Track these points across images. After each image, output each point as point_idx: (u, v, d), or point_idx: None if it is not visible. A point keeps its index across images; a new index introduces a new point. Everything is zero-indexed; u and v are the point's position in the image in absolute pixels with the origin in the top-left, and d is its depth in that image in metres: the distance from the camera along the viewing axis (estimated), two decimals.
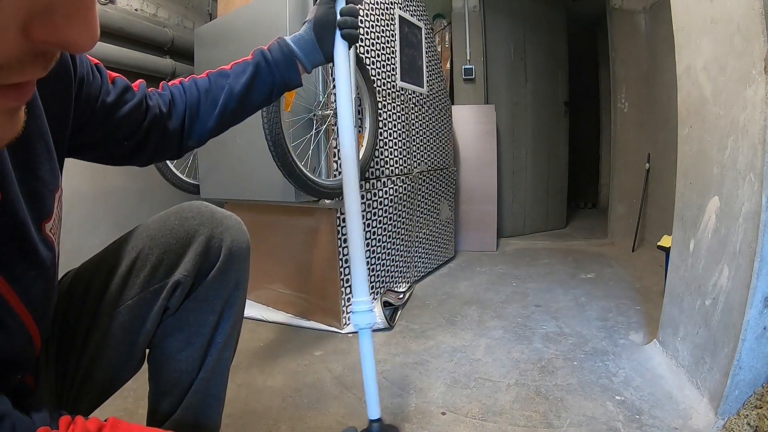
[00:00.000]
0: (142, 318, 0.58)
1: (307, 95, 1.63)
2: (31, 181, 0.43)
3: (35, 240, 0.43)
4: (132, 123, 0.59)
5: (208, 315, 0.62)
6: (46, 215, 0.45)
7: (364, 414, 1.15)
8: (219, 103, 0.66)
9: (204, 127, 0.66)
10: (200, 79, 0.67)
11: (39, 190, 0.44)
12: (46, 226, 0.45)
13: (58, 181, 0.48)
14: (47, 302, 0.47)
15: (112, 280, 0.58)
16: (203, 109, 0.66)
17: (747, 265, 0.98)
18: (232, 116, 0.68)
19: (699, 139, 1.23)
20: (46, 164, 0.45)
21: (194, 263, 0.59)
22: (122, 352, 0.58)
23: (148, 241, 0.59)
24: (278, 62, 0.69)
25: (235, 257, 0.63)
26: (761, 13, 0.94)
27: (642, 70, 2.96)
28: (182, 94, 0.65)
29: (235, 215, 0.66)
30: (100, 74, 0.55)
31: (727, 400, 1.00)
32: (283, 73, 0.70)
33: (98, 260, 0.61)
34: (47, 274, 0.45)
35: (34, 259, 0.43)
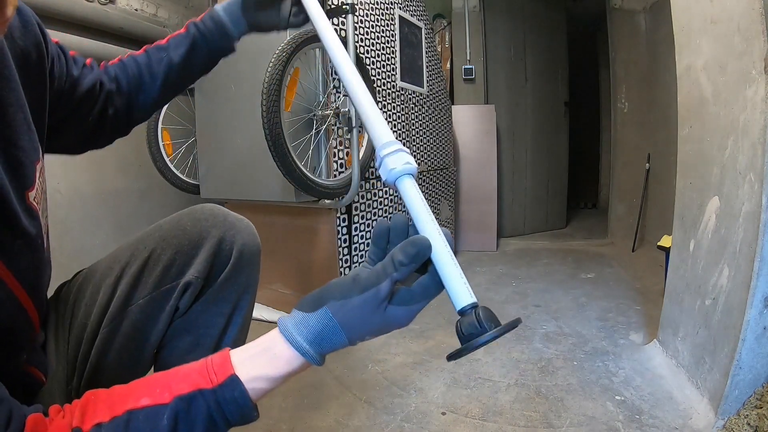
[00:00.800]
0: (154, 318, 0.58)
1: (307, 95, 1.63)
2: (11, 151, 0.43)
3: (17, 209, 0.43)
4: (92, 98, 0.60)
5: (217, 317, 0.62)
6: (29, 184, 0.45)
7: (364, 413, 1.15)
8: (160, 75, 0.67)
9: (148, 98, 0.68)
10: (138, 55, 0.68)
11: (20, 159, 0.44)
12: (29, 194, 0.45)
13: (38, 153, 0.48)
14: (37, 273, 0.47)
15: (124, 279, 0.58)
16: (145, 82, 0.66)
17: (747, 265, 0.98)
18: (173, 87, 0.69)
19: (699, 139, 1.23)
20: (25, 136, 0.46)
21: (205, 265, 0.60)
22: (133, 351, 0.58)
23: (160, 241, 0.59)
24: (211, 32, 0.69)
25: (245, 260, 0.63)
26: (761, 13, 0.94)
27: (642, 70, 2.95)
28: (123, 69, 0.66)
29: (246, 219, 0.66)
30: (64, 53, 0.56)
31: (727, 400, 1.00)
32: (216, 42, 0.70)
33: (110, 259, 0.61)
34: (34, 243, 0.45)
35: (18, 228, 0.43)
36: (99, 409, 0.36)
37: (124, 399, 0.37)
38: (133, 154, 2.32)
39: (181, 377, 0.38)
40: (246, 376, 0.38)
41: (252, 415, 0.39)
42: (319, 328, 0.39)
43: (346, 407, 1.19)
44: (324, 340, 0.39)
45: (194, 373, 0.39)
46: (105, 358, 0.57)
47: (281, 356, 0.39)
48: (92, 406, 0.37)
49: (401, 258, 0.40)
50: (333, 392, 1.27)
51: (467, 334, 0.43)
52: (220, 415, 0.38)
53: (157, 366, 0.63)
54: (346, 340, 0.40)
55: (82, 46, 1.91)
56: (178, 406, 0.36)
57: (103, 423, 0.35)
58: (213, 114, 1.96)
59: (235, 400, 0.38)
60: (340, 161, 1.74)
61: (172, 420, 0.36)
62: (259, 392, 0.39)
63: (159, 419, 0.36)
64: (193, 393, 0.37)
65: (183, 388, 0.37)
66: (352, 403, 1.21)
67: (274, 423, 1.12)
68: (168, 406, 0.36)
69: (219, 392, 0.37)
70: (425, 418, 1.13)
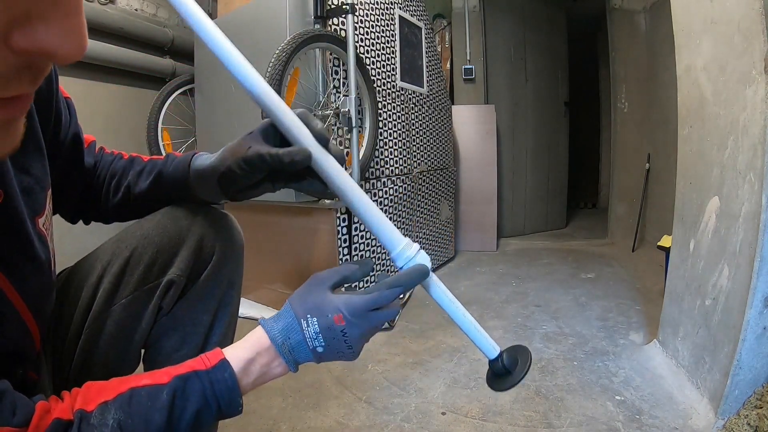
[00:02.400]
0: (137, 317, 0.58)
1: (307, 95, 1.63)
2: (24, 178, 0.44)
3: (31, 233, 0.44)
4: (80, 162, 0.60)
5: (202, 315, 0.62)
6: (39, 211, 0.46)
7: (364, 413, 1.15)
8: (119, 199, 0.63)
9: (103, 210, 0.65)
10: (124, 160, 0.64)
11: (32, 186, 0.45)
12: (39, 221, 0.46)
13: (48, 180, 0.49)
14: (44, 298, 0.47)
15: (106, 278, 0.58)
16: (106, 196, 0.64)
17: (747, 265, 0.98)
18: (132, 213, 0.65)
19: (699, 139, 1.23)
20: (37, 163, 0.46)
21: (187, 262, 0.59)
22: (118, 351, 0.58)
23: (141, 240, 0.59)
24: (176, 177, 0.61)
25: (228, 256, 0.63)
26: (761, 13, 0.94)
27: (642, 70, 2.95)
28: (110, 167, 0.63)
29: (229, 214, 0.65)
30: (69, 108, 0.56)
31: (727, 400, 1.00)
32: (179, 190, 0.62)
33: (92, 258, 0.61)
34: (43, 268, 0.46)
35: (30, 253, 0.44)
36: (103, 391, 0.40)
37: (126, 381, 0.41)
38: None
39: (179, 365, 0.43)
40: (234, 358, 0.44)
41: (238, 400, 0.44)
42: (287, 319, 0.46)
43: (346, 407, 1.19)
44: (281, 318, 0.46)
45: (190, 361, 0.44)
46: (90, 358, 0.57)
47: (260, 341, 0.46)
48: (94, 391, 0.40)
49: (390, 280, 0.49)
50: (333, 392, 1.27)
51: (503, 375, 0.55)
52: (212, 394, 0.42)
53: (145, 365, 0.64)
54: (292, 313, 0.46)
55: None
56: (176, 383, 0.41)
57: (108, 401, 0.39)
58: (213, 114, 1.96)
59: (225, 381, 0.43)
60: None
61: (170, 396, 0.40)
62: (247, 376, 0.45)
63: (159, 395, 0.40)
64: (189, 373, 0.42)
65: (180, 370, 0.43)
66: (352, 403, 1.21)
67: (274, 423, 1.12)
68: (167, 384, 0.41)
69: (212, 372, 0.43)
70: (425, 418, 1.13)
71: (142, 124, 2.17)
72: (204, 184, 0.56)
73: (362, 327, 0.46)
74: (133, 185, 0.62)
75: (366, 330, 0.46)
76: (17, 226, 0.42)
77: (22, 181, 0.44)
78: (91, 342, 0.57)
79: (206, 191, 0.57)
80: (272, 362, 0.46)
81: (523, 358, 0.54)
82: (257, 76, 0.49)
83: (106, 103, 2.19)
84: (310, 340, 0.45)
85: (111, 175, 0.63)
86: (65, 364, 0.57)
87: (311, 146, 0.47)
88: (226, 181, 0.52)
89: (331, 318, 0.44)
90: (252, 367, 0.45)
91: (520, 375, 0.52)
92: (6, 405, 0.34)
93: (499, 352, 0.54)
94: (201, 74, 2.02)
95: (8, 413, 0.34)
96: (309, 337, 0.45)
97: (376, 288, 0.48)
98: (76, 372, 0.57)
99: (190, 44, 2.12)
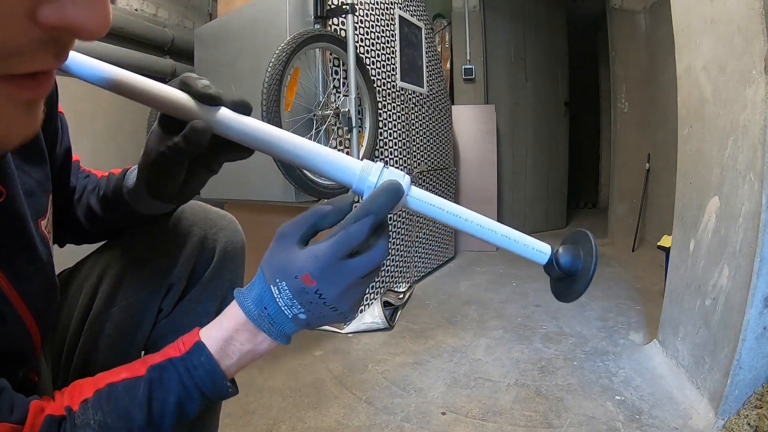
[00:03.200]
0: (137, 319, 0.58)
1: (307, 95, 1.63)
2: (27, 180, 0.44)
3: (34, 234, 0.43)
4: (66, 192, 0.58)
5: (202, 317, 0.61)
6: (42, 212, 0.46)
7: (364, 413, 1.15)
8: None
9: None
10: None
11: (34, 189, 0.45)
12: (42, 223, 0.46)
13: (50, 184, 0.48)
14: (46, 299, 0.47)
15: (106, 280, 0.57)
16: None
17: (747, 265, 0.98)
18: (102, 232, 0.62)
19: (699, 139, 1.22)
20: (39, 167, 0.46)
21: (187, 265, 0.59)
22: (118, 353, 0.58)
23: (141, 241, 0.58)
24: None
25: (229, 258, 0.62)
26: (761, 13, 0.94)
27: (642, 70, 2.96)
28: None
29: (229, 215, 0.65)
30: (62, 125, 0.54)
31: (727, 400, 1.00)
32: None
33: (92, 260, 0.60)
34: (45, 270, 0.46)
35: (32, 253, 0.43)
36: (84, 389, 0.39)
37: (105, 377, 0.40)
38: (134, 154, 2.32)
39: (156, 354, 0.40)
40: (212, 343, 0.39)
41: (223, 383, 0.39)
42: (257, 287, 0.39)
43: (346, 407, 1.19)
44: (253, 286, 0.39)
45: (167, 348, 0.40)
46: (90, 360, 0.56)
47: (234, 315, 0.39)
48: (78, 389, 0.39)
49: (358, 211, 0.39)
50: (333, 392, 1.27)
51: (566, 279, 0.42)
52: (190, 381, 0.38)
53: None
54: (263, 278, 0.38)
55: (82, 47, 1.91)
56: (151, 375, 0.38)
57: (88, 398, 0.38)
58: None
59: (202, 365, 0.38)
60: None
61: (147, 389, 0.38)
62: (227, 359, 0.40)
63: (137, 389, 0.38)
64: (163, 362, 0.39)
65: (155, 359, 0.39)
66: (352, 403, 1.21)
67: (274, 423, 1.12)
68: (143, 377, 0.38)
69: (186, 358, 0.39)
70: (425, 418, 1.13)
71: (142, 124, 2.17)
72: (140, 198, 0.51)
73: (338, 283, 0.37)
74: (92, 205, 0.58)
75: (345, 285, 0.37)
76: (19, 227, 0.42)
77: (25, 183, 0.44)
78: (90, 344, 0.56)
79: (144, 204, 0.52)
80: (255, 338, 0.39)
81: (586, 248, 0.42)
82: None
83: (106, 103, 2.19)
84: (286, 308, 0.37)
85: (78, 195, 0.60)
86: (64, 367, 0.57)
87: (201, 115, 0.39)
88: (156, 189, 0.47)
89: (299, 279, 0.36)
90: (231, 347, 0.39)
91: (588, 271, 0.40)
92: (4, 402, 0.34)
93: (551, 253, 0.42)
94: (201, 74, 2.00)
95: (6, 410, 0.34)
96: (284, 305, 0.37)
97: (340, 227, 0.38)
98: (76, 374, 0.56)
99: (190, 44, 2.12)
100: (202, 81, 0.40)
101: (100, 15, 0.23)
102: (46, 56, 0.23)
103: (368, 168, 0.39)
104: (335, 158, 0.40)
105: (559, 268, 0.42)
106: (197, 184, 0.48)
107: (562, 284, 0.43)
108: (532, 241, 0.42)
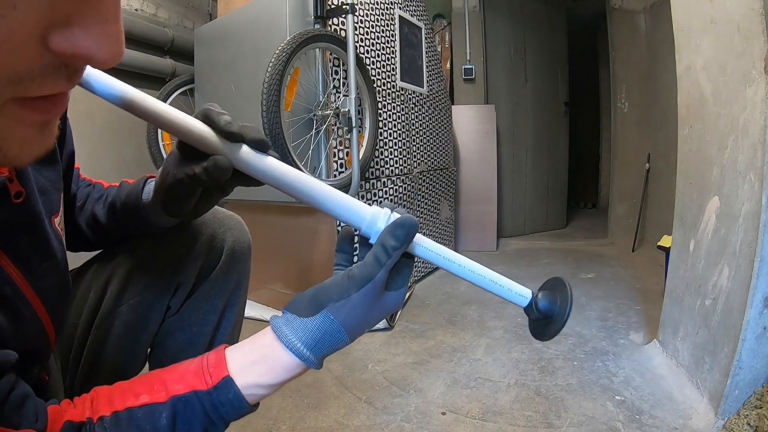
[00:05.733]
0: (145, 318, 0.58)
1: (307, 95, 1.63)
2: (40, 178, 0.45)
3: (48, 230, 0.44)
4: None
5: (209, 315, 0.62)
6: (55, 210, 0.46)
7: (364, 413, 1.15)
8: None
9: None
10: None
11: (47, 186, 0.46)
12: (55, 220, 0.46)
13: (61, 183, 0.49)
14: (60, 296, 0.47)
15: (115, 279, 0.58)
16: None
17: (747, 265, 0.98)
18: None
19: (699, 139, 1.23)
20: (50, 167, 0.47)
21: (196, 263, 0.59)
22: (125, 351, 0.58)
23: (150, 241, 0.59)
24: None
25: (236, 257, 0.63)
26: (761, 13, 0.94)
27: (642, 70, 2.96)
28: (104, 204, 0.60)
29: (236, 215, 0.66)
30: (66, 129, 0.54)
31: (727, 400, 1.00)
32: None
33: (100, 260, 0.61)
34: (59, 266, 0.46)
35: (47, 251, 0.44)
36: (102, 404, 0.38)
37: (125, 395, 0.38)
38: (133, 154, 2.32)
39: (178, 377, 0.39)
40: (244, 382, 0.39)
41: (246, 411, 0.40)
42: (320, 334, 0.39)
43: (346, 407, 1.19)
44: (325, 343, 0.39)
45: (190, 373, 0.39)
46: (99, 358, 0.57)
47: (280, 364, 0.39)
48: (98, 400, 0.38)
49: (393, 243, 0.39)
50: (333, 392, 1.27)
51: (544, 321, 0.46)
52: (216, 415, 0.38)
53: (151, 364, 0.64)
54: (347, 339, 0.40)
55: None
56: (175, 406, 0.37)
57: (105, 417, 0.37)
58: None
59: (230, 402, 0.38)
60: (340, 161, 1.74)
61: (171, 419, 0.37)
62: (257, 398, 0.40)
63: (158, 417, 0.37)
64: (188, 395, 0.38)
65: (179, 388, 0.38)
66: (352, 403, 1.21)
67: (274, 423, 1.12)
68: (166, 405, 0.37)
69: (214, 394, 0.38)
70: (425, 418, 1.13)
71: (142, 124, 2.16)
72: (154, 212, 0.53)
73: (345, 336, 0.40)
74: (97, 213, 0.59)
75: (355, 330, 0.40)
76: (36, 225, 0.42)
77: (38, 180, 0.44)
78: (99, 343, 0.57)
79: (157, 218, 0.53)
80: (296, 373, 0.40)
81: (563, 294, 0.45)
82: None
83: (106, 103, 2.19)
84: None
85: (80, 203, 0.61)
86: (73, 365, 0.57)
87: (223, 151, 0.41)
88: (170, 209, 0.49)
89: None
90: (262, 386, 0.39)
91: (563, 316, 0.44)
92: (29, 409, 0.34)
93: (531, 297, 0.47)
94: (201, 74, 2.02)
95: (32, 418, 0.34)
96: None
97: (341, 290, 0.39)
98: (85, 372, 0.57)
99: (190, 44, 2.12)
100: (225, 117, 0.41)
101: (112, 45, 0.23)
102: (58, 79, 0.23)
103: (376, 215, 0.41)
104: (347, 203, 0.42)
105: (537, 310, 0.46)
106: (210, 205, 0.51)
107: (539, 324, 0.47)
108: (516, 285, 0.47)
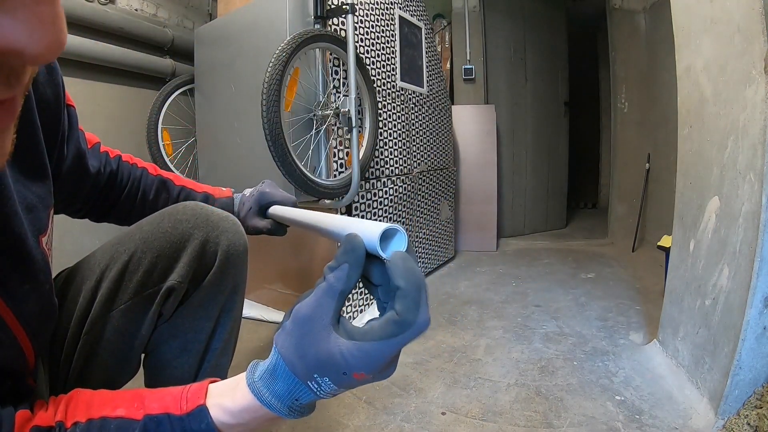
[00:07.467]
0: (136, 323, 0.56)
1: (307, 95, 1.63)
2: (28, 195, 0.43)
3: (32, 253, 0.42)
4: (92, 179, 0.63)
5: (203, 321, 0.60)
6: (43, 229, 0.45)
7: (364, 413, 1.15)
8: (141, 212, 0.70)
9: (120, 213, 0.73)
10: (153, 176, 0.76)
11: (35, 204, 0.44)
12: (42, 239, 0.44)
13: (51, 199, 0.47)
14: (42, 318, 0.45)
15: (104, 283, 0.56)
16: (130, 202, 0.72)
17: (747, 265, 0.98)
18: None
19: (699, 139, 1.22)
20: (40, 182, 0.45)
21: (188, 268, 0.57)
22: (117, 356, 0.57)
23: (140, 244, 0.57)
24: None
25: (231, 261, 0.61)
26: (761, 13, 0.94)
27: (642, 70, 2.96)
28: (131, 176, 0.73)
29: (232, 216, 0.63)
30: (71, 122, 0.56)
31: (727, 400, 1.00)
32: None
33: (91, 261, 0.59)
34: (43, 289, 0.44)
35: (28, 272, 0.42)
36: (79, 409, 0.38)
37: (103, 405, 0.38)
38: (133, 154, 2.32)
39: (157, 397, 0.39)
40: (215, 409, 0.37)
41: None
42: (271, 368, 0.36)
43: (346, 407, 1.19)
44: (277, 380, 0.36)
45: (169, 396, 0.38)
46: (89, 364, 0.56)
47: (241, 397, 0.37)
48: (74, 404, 0.38)
49: (332, 262, 0.35)
50: None
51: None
52: None
53: (146, 371, 0.62)
54: (295, 379, 0.35)
55: (82, 46, 1.91)
56: (147, 425, 0.37)
57: (80, 423, 0.37)
58: (213, 114, 1.96)
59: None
60: (340, 161, 1.74)
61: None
62: (230, 428, 0.37)
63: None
64: (161, 416, 0.37)
65: (154, 408, 0.37)
66: (352, 403, 1.21)
67: None
68: (138, 423, 0.37)
69: (186, 421, 0.37)
70: (425, 418, 1.13)
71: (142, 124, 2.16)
72: None
73: (390, 368, 0.36)
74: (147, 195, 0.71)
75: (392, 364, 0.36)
76: (15, 246, 0.40)
77: (26, 198, 0.42)
78: (89, 348, 0.55)
79: None
80: (270, 421, 0.38)
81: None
82: None
83: (107, 103, 2.19)
84: (325, 394, 0.35)
85: (144, 191, 0.70)
86: (63, 370, 0.56)
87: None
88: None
89: (350, 376, 0.34)
90: (238, 425, 0.37)
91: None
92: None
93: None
94: (201, 74, 2.02)
95: None
96: (323, 392, 0.35)
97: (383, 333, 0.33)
98: (75, 377, 0.56)
99: (190, 44, 2.12)
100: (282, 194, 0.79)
101: (47, 33, 0.19)
102: None
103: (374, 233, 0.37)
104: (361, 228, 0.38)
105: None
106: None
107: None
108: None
